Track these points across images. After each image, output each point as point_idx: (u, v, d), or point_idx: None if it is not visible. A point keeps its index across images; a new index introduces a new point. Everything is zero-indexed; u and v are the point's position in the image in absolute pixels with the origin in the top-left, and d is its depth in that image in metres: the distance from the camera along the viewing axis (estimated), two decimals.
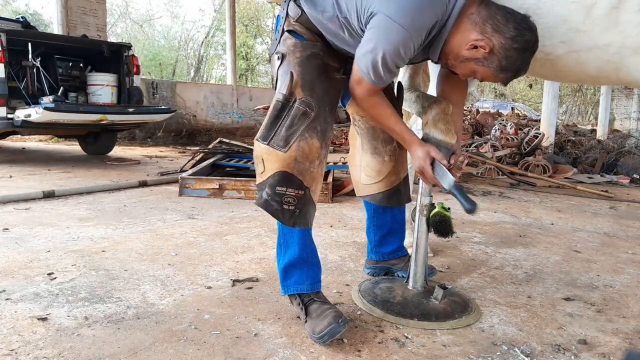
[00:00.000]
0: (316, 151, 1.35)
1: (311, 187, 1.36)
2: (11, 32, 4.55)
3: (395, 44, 1.24)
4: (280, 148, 1.32)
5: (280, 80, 1.40)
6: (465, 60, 1.31)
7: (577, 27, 1.27)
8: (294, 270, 1.40)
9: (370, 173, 1.69)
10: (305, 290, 1.40)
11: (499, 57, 1.26)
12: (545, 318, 1.56)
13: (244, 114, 9.68)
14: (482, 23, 1.26)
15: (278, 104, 1.35)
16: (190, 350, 1.26)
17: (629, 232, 2.87)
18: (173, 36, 19.26)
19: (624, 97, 9.85)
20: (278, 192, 1.33)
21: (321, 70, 1.40)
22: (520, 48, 1.24)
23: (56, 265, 1.84)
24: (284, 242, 1.41)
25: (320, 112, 1.36)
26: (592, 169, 5.72)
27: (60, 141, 7.02)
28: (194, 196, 3.30)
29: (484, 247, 2.38)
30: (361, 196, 1.77)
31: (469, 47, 1.27)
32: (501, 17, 1.25)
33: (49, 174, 4.08)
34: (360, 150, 1.71)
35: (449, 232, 1.52)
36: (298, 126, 1.33)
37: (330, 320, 1.29)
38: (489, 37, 1.25)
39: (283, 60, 1.40)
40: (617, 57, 1.27)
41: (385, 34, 1.24)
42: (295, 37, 1.42)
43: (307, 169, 1.34)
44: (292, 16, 1.43)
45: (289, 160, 1.32)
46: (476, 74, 1.33)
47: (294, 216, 1.35)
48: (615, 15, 1.22)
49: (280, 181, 1.33)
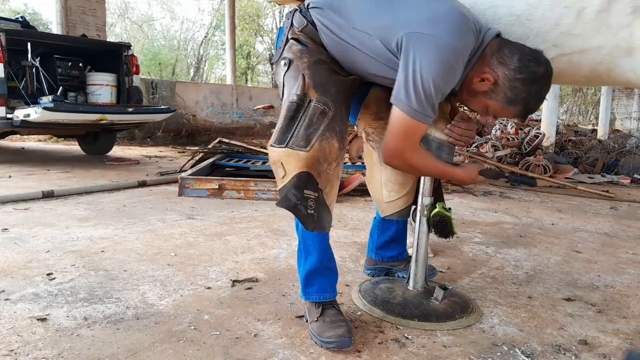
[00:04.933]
0: (335, 152, 1.29)
1: (325, 189, 1.30)
2: (10, 32, 4.55)
3: (445, 62, 1.21)
4: (302, 148, 1.25)
5: (288, 85, 1.35)
6: (476, 95, 1.32)
7: (569, 30, 1.29)
8: (316, 277, 1.38)
9: (392, 188, 1.62)
10: (328, 299, 1.39)
11: (504, 89, 1.27)
12: (545, 318, 1.56)
13: (244, 113, 9.67)
14: (489, 57, 1.27)
15: (293, 105, 1.29)
16: (189, 350, 1.25)
17: (630, 232, 2.86)
18: (172, 36, 19.27)
19: (625, 97, 9.85)
20: (305, 196, 1.25)
21: (330, 73, 1.36)
22: (525, 79, 1.24)
23: (55, 265, 1.84)
24: (305, 248, 1.37)
25: (337, 112, 1.31)
26: (592, 169, 5.72)
27: (60, 141, 7.01)
28: (194, 196, 3.29)
29: (484, 247, 2.38)
30: (387, 216, 1.68)
31: (476, 80, 1.29)
32: (508, 50, 1.26)
33: (48, 174, 4.07)
34: (378, 165, 1.63)
35: (450, 232, 1.52)
36: (317, 125, 1.27)
37: (344, 333, 1.28)
38: (493, 69, 1.26)
39: (290, 65, 1.36)
40: (610, 58, 1.28)
41: (433, 53, 1.20)
42: (300, 45, 1.39)
43: (324, 171, 1.28)
44: (296, 26, 1.41)
45: (312, 160, 1.25)
46: (489, 109, 1.33)
47: (314, 220, 1.29)
48: (606, 17, 1.24)
49: (306, 183, 1.26)
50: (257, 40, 19.60)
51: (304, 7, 1.43)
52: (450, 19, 1.24)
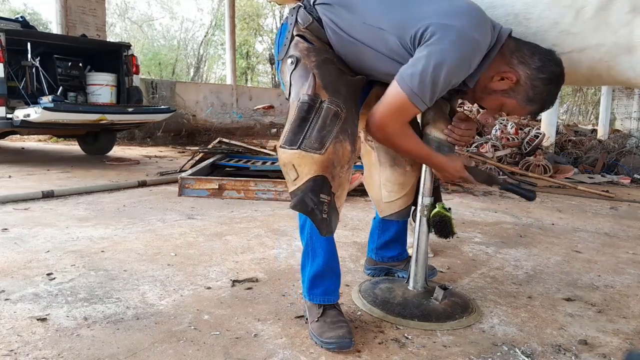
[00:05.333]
0: (348, 155, 1.25)
1: (337, 193, 1.28)
2: (10, 32, 4.55)
3: (464, 53, 1.20)
4: (316, 150, 1.20)
5: (296, 84, 1.30)
6: (493, 93, 1.31)
7: (568, 29, 1.29)
8: (322, 279, 1.37)
9: (392, 188, 1.61)
10: (332, 302, 1.38)
11: (526, 88, 1.27)
12: (545, 318, 1.56)
13: (244, 113, 9.67)
14: (509, 55, 1.27)
15: (304, 105, 1.24)
16: (189, 350, 1.25)
17: (630, 232, 2.86)
18: (172, 35, 19.27)
19: (625, 97, 9.85)
20: (321, 200, 1.22)
21: (339, 73, 1.34)
22: (546, 79, 1.25)
23: (55, 265, 1.83)
24: (312, 250, 1.36)
25: (349, 114, 1.28)
26: (592, 169, 5.72)
27: (60, 141, 7.01)
28: (194, 196, 3.29)
29: (484, 247, 2.38)
30: (386, 216, 1.67)
31: (496, 79, 1.29)
32: (527, 50, 1.27)
33: (48, 174, 4.07)
34: (377, 165, 1.62)
35: (450, 232, 1.52)
36: (331, 127, 1.22)
37: (344, 334, 1.28)
38: (514, 68, 1.26)
39: (298, 64, 1.32)
40: (609, 57, 1.29)
41: (455, 44, 1.19)
42: (307, 42, 1.36)
43: (337, 174, 1.24)
44: (301, 23, 1.37)
45: (327, 163, 1.21)
46: (504, 106, 1.33)
47: (327, 224, 1.25)
48: (605, 15, 1.24)
49: (322, 187, 1.22)
50: (257, 40, 19.61)
51: (308, 3, 1.40)
52: (473, 13, 1.24)
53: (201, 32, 19.18)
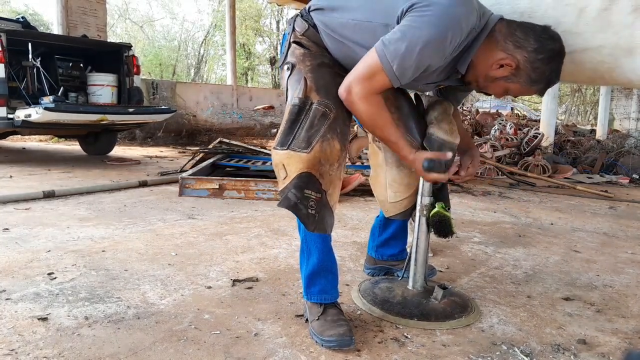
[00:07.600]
0: (337, 153, 1.29)
1: (328, 190, 1.31)
2: (11, 33, 4.56)
3: (443, 31, 1.19)
4: (303, 150, 1.26)
5: (291, 89, 1.36)
6: (496, 80, 1.32)
7: (570, 29, 1.29)
8: (318, 278, 1.39)
9: (398, 188, 1.62)
10: (330, 300, 1.39)
11: (527, 71, 1.27)
12: (544, 318, 1.57)
13: (244, 114, 9.68)
14: (503, 41, 1.27)
15: (294, 108, 1.30)
16: (190, 350, 1.26)
17: (629, 232, 2.87)
18: (173, 36, 19.29)
19: (624, 97, 9.86)
20: (305, 195, 1.27)
21: (333, 75, 1.37)
22: (545, 58, 1.25)
23: (56, 265, 1.84)
24: (307, 249, 1.38)
25: (339, 113, 1.31)
26: (591, 169, 5.73)
27: (61, 141, 7.02)
28: (194, 196, 3.30)
29: (483, 247, 2.38)
30: (391, 216, 1.69)
31: (495, 67, 1.29)
32: (520, 32, 1.26)
33: (49, 174, 4.08)
34: (384, 165, 1.63)
35: (449, 232, 1.52)
36: (318, 127, 1.28)
37: (345, 332, 1.29)
38: (512, 53, 1.26)
39: (293, 69, 1.37)
40: (611, 58, 1.28)
41: (434, 17, 1.18)
42: (303, 48, 1.40)
43: (326, 172, 1.29)
44: (298, 30, 1.42)
45: (314, 162, 1.26)
46: (509, 91, 1.34)
47: (315, 221, 1.30)
48: (608, 16, 1.24)
49: (307, 183, 1.27)
50: (257, 41, 19.63)
51: (305, 11, 1.44)
52: None
53: (201, 32, 19.22)
